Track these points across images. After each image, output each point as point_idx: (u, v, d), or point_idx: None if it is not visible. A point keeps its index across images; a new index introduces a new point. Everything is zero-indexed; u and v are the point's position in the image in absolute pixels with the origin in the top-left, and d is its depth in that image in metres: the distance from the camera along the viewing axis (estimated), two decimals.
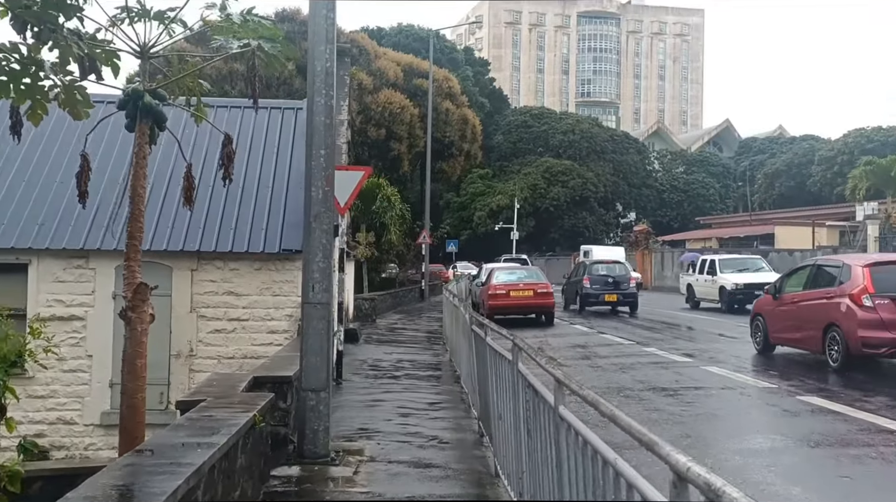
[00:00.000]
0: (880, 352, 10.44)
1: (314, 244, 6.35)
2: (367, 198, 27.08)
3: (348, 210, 15.14)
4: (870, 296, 10.38)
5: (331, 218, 6.42)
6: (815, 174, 55.52)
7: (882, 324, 10.15)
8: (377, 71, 33.86)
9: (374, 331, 18.50)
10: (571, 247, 63.07)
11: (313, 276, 6.36)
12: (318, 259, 6.35)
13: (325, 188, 6.36)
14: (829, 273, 11.73)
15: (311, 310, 6.36)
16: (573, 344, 15.62)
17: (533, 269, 22.13)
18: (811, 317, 11.46)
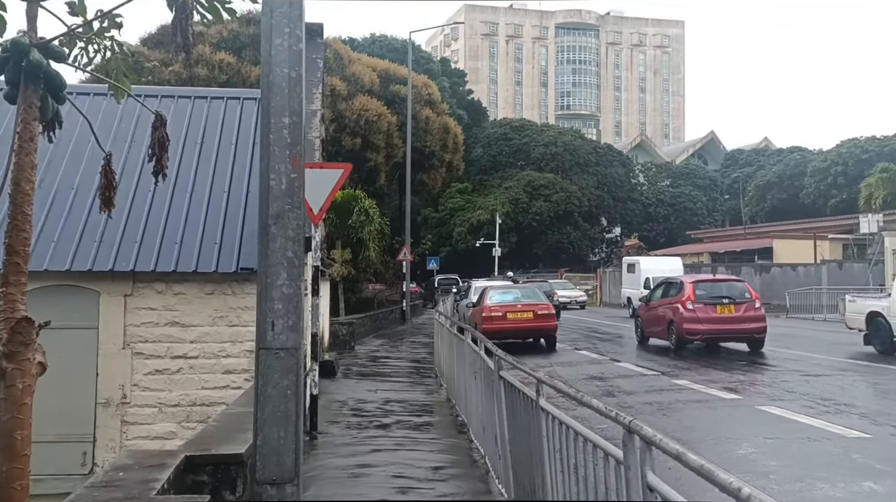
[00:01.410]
0: (696, 338, 16.52)
1: (275, 258, 4.29)
2: (342, 212, 24.98)
3: (322, 222, 13.06)
4: (692, 302, 16.28)
5: (299, 219, 4.36)
6: (808, 186, 54.66)
7: (698, 320, 16.16)
8: (351, 76, 31.91)
9: (353, 361, 16.36)
10: (555, 264, 61.49)
11: (273, 307, 4.29)
12: (282, 281, 4.29)
13: (290, 174, 4.31)
14: (674, 286, 17.79)
15: (271, 360, 4.28)
16: (587, 375, 13.66)
17: (531, 288, 20.19)
18: (662, 316, 17.33)
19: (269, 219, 4.32)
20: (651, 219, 68.32)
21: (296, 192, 4.36)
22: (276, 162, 4.30)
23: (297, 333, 4.37)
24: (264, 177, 4.34)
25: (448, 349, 11.07)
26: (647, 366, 14.50)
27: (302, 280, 4.43)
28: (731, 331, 16.19)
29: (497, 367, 5.97)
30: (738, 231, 53.05)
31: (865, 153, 53.51)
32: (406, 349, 19.73)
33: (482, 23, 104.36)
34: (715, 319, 16.03)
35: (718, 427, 9.13)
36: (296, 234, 4.35)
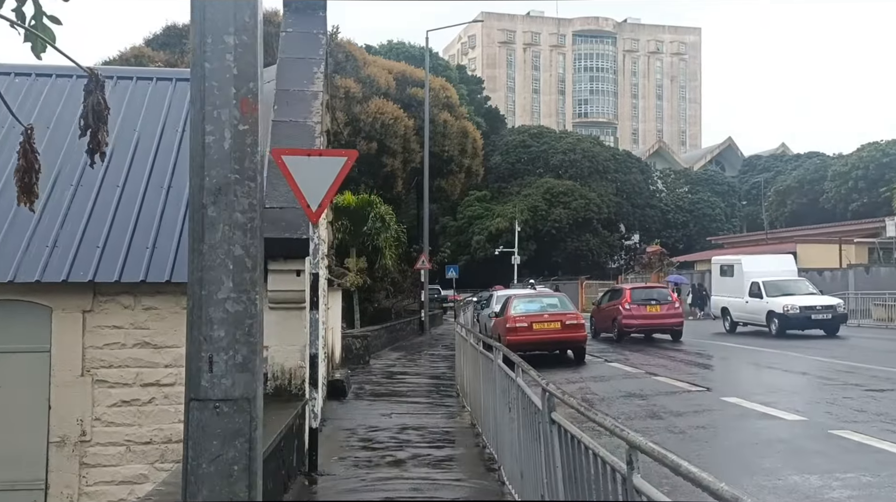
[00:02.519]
0: (632, 331, 20.66)
1: (213, 258, 2.65)
2: (357, 218, 23.44)
3: (329, 225, 11.46)
4: (629, 303, 20.44)
5: (254, 197, 2.72)
6: (828, 190, 52.41)
7: (633, 317, 20.29)
8: (367, 79, 30.40)
9: (367, 377, 14.71)
10: (574, 271, 59.55)
11: (211, 335, 2.64)
12: (224, 293, 2.64)
13: (237, 125, 2.67)
14: (618, 292, 22.31)
15: (207, 418, 2.63)
16: (625, 391, 11.91)
17: (558, 296, 18.45)
18: (609, 315, 21.34)
19: (205, 195, 2.68)
20: (670, 226, 66.29)
21: (248, 155, 2.71)
22: (215, 106, 2.67)
23: (251, 374, 2.72)
24: (196, 131, 2.70)
25: (472, 368, 9.40)
26: (689, 380, 12.72)
27: (260, 291, 2.78)
28: (657, 325, 20.69)
29: (548, 407, 4.30)
30: (759, 236, 50.87)
31: (886, 156, 51.24)
32: (425, 363, 18.08)
33: (499, 30, 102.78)
34: (645, 316, 20.40)
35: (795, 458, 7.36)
36: (248, 220, 2.70)
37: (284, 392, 7.35)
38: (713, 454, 7.84)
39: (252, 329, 2.72)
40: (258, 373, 2.75)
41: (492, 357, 7.03)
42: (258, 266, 2.74)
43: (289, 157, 6.92)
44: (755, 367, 14.86)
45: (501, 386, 6.33)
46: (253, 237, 2.70)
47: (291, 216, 7.38)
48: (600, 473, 3.24)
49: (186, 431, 2.67)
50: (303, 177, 6.93)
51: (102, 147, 4.74)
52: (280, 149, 7.02)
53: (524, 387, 5.11)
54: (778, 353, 16.41)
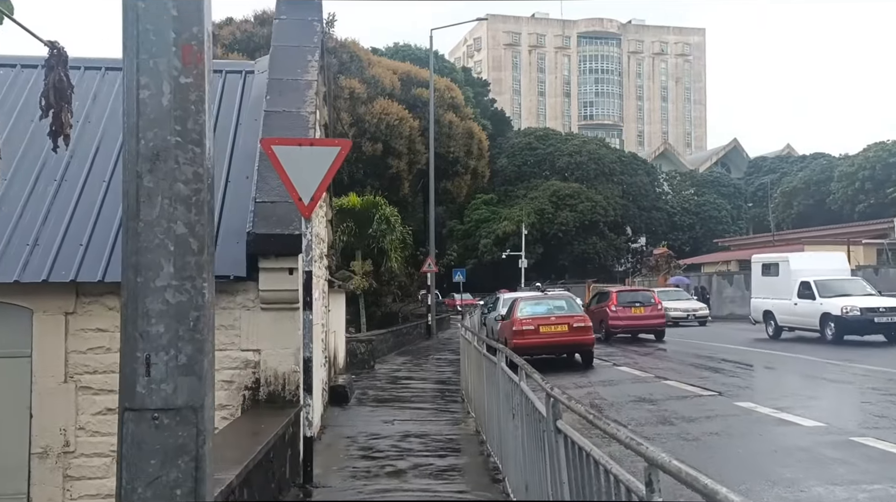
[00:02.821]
0: (618, 332, 21.81)
1: (150, 237, 2.17)
2: (362, 220, 22.98)
3: (329, 223, 11.00)
4: (615, 306, 21.88)
5: (200, 165, 2.24)
6: (835, 191, 51.64)
7: (619, 318, 21.62)
8: (371, 79, 29.98)
9: (371, 383, 14.22)
10: (581, 274, 58.90)
11: (147, 330, 2.17)
12: (164, 280, 2.17)
13: (178, 77, 2.19)
14: (605, 295, 23.51)
15: (144, 431, 2.14)
16: (634, 396, 11.37)
17: (565, 298, 17.91)
18: (598, 317, 21.40)
19: (140, 162, 2.20)
20: (676, 228, 65.61)
21: (192, 114, 2.23)
22: (151, 54, 2.18)
23: (198, 378, 2.25)
24: (130, 85, 2.22)
25: (476, 371, 8.89)
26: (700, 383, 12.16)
27: (209, 278, 2.31)
28: (641, 326, 21.87)
29: (553, 415, 3.80)
30: (766, 238, 50.14)
31: (893, 157, 50.37)
32: (430, 367, 17.58)
33: (505, 32, 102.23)
34: (630, 317, 21.70)
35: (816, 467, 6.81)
36: (192, 192, 2.23)
37: (278, 398, 6.88)
38: (730, 462, 7.31)
39: (199, 323, 2.24)
40: (207, 377, 2.27)
41: (495, 360, 6.53)
42: (207, 248, 2.27)
43: (279, 147, 6.47)
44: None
45: (505, 391, 5.83)
46: (199, 213, 2.23)
47: (283, 210, 6.91)
48: (613, 492, 2.74)
49: (120, 448, 2.19)
50: (294, 168, 6.47)
51: (66, 129, 4.30)
52: (270, 139, 6.56)
53: (528, 392, 4.61)
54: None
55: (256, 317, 6.87)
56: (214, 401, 2.41)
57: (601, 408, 10.22)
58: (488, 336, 22.22)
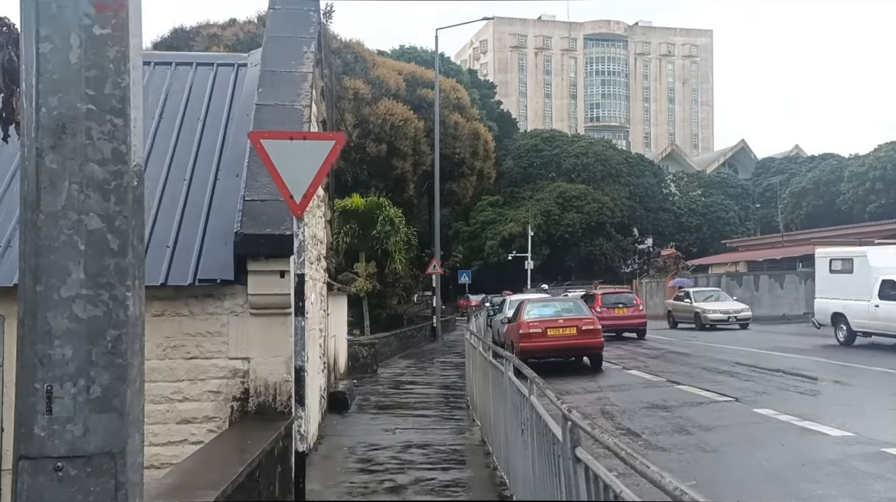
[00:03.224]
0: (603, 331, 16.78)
1: (53, 232, 1.68)
2: (365, 221, 22.53)
3: (328, 223, 10.51)
4: (600, 306, 23.12)
5: (121, 139, 1.75)
6: (845, 191, 50.84)
7: (603, 318, 19.81)
8: (376, 80, 29.49)
9: (373, 388, 13.73)
10: (587, 276, 58.26)
11: (50, 354, 1.67)
12: (72, 289, 1.67)
13: (92, 28, 1.70)
14: (591, 297, 24.91)
15: (46, 487, 1.65)
16: (647, 402, 10.82)
17: (573, 301, 17.37)
18: None
19: (40, 136, 1.70)
20: (683, 230, 64.92)
21: (110, 75, 1.72)
22: None
23: (118, 415, 1.73)
24: (28, 38, 1.72)
25: (482, 378, 8.38)
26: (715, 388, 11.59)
27: (136, 286, 1.80)
28: (624, 325, 23.23)
29: (571, 440, 3.28)
30: (775, 239, 49.43)
31: None
32: (435, 371, 17.07)
33: (511, 35, 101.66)
34: (614, 317, 22.92)
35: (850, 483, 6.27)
36: (112, 176, 1.72)
37: (268, 409, 6.38)
38: (754, 477, 6.77)
39: (119, 344, 1.73)
40: (131, 413, 1.77)
41: (502, 369, 6.02)
42: (132, 247, 1.76)
43: (269, 142, 5.97)
44: None
45: (513, 403, 5.32)
46: (121, 202, 1.72)
47: (274, 209, 6.43)
48: None
49: None
50: (285, 163, 5.98)
51: (17, 116, 3.82)
52: (259, 132, 6.07)
53: (539, 409, 4.10)
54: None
55: (245, 322, 6.39)
56: (143, 444, 1.90)
57: (613, 416, 9.70)
58: (494, 339, 21.73)
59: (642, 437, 8.18)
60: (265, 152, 5.99)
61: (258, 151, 6.02)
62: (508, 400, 5.57)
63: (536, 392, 4.24)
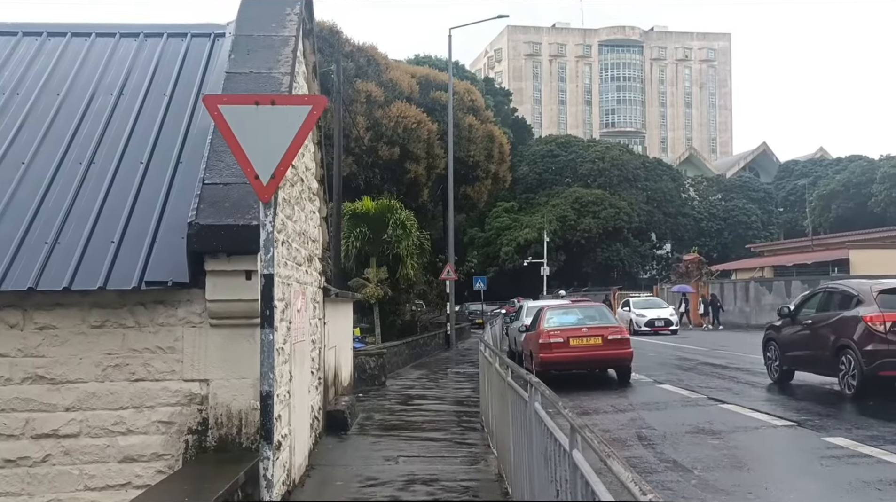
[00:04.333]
0: None
1: None
2: (376, 224, 21.25)
3: (324, 221, 9.19)
4: None
5: None
6: (877, 193, 48.80)
7: None
8: (388, 82, 28.30)
9: (378, 403, 12.39)
10: (605, 282, 56.67)
11: None
12: None
13: None
14: None
15: None
16: (690, 425, 9.32)
17: (596, 307, 15.94)
18: None
19: None
20: (703, 234, 63.08)
21: None
22: None
23: None
24: None
25: (499, 401, 7.02)
26: (768, 409, 10.09)
27: None
28: None
29: None
30: (803, 243, 47.47)
31: None
32: (448, 384, 15.70)
33: (525, 43, 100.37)
34: None
35: None
36: None
37: (232, 444, 5.07)
38: None
39: None
40: None
41: (526, 397, 4.65)
42: None
43: (228, 108, 4.67)
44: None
45: (542, 448, 3.95)
46: None
47: (239, 195, 5.13)
48: None
49: None
50: (249, 134, 4.68)
51: None
52: (215, 96, 4.79)
53: (587, 471, 2.71)
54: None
55: (204, 336, 5.09)
56: None
57: (653, 443, 8.27)
58: (511, 348, 20.30)
59: (694, 473, 6.75)
60: (223, 121, 4.69)
61: (215, 120, 4.73)
62: (536, 443, 4.20)
63: (581, 443, 2.87)
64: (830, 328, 10.92)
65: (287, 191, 6.48)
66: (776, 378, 12.58)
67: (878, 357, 9.81)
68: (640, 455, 7.71)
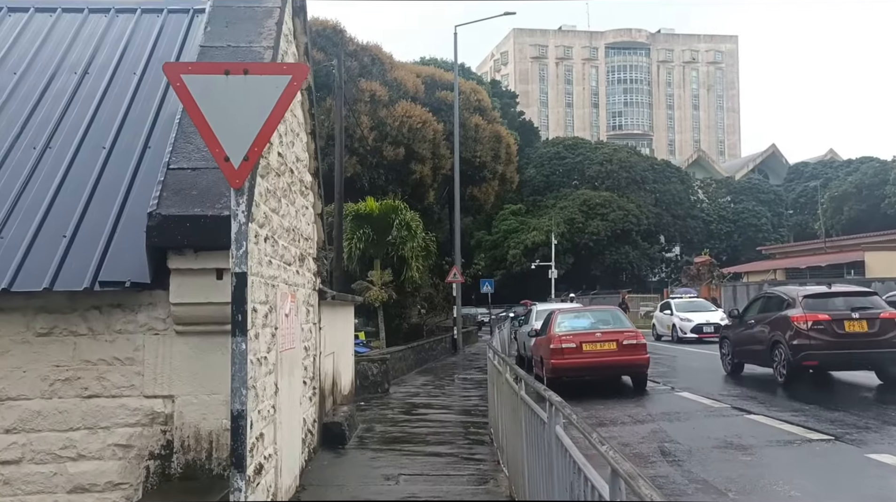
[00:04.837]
0: None
1: None
2: (380, 226, 20.55)
3: (318, 218, 8.44)
4: None
5: None
6: (890, 195, 47.80)
7: None
8: (393, 82, 27.60)
9: (380, 412, 11.63)
10: (613, 285, 55.78)
11: None
12: None
13: None
14: None
15: None
16: (717, 439, 8.54)
17: (610, 310, 15.13)
18: None
19: None
20: (713, 237, 62.16)
21: None
22: None
23: None
24: None
25: (511, 417, 6.26)
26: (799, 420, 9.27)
27: None
28: None
29: None
30: (815, 245, 46.51)
31: None
32: (454, 391, 14.93)
33: (531, 46, 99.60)
34: None
35: None
36: None
37: (201, 472, 4.32)
38: None
39: None
40: None
41: (544, 418, 3.89)
42: None
43: (194, 78, 3.93)
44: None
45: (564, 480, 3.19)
46: None
47: (209, 181, 4.41)
48: None
49: None
50: (217, 109, 3.95)
51: None
52: (177, 64, 4.08)
53: None
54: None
55: (169, 345, 4.36)
56: None
57: (679, 459, 7.48)
58: (520, 353, 19.48)
59: (729, 496, 5.97)
60: (187, 93, 3.95)
61: (177, 93, 4.00)
62: (557, 473, 3.44)
63: (626, 492, 2.11)
64: (767, 327, 12.78)
65: (272, 182, 5.75)
66: (729, 370, 14.44)
67: (801, 350, 11.75)
68: (665, 473, 6.93)
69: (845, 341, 11.54)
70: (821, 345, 11.56)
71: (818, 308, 11.99)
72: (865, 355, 11.65)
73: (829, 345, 11.55)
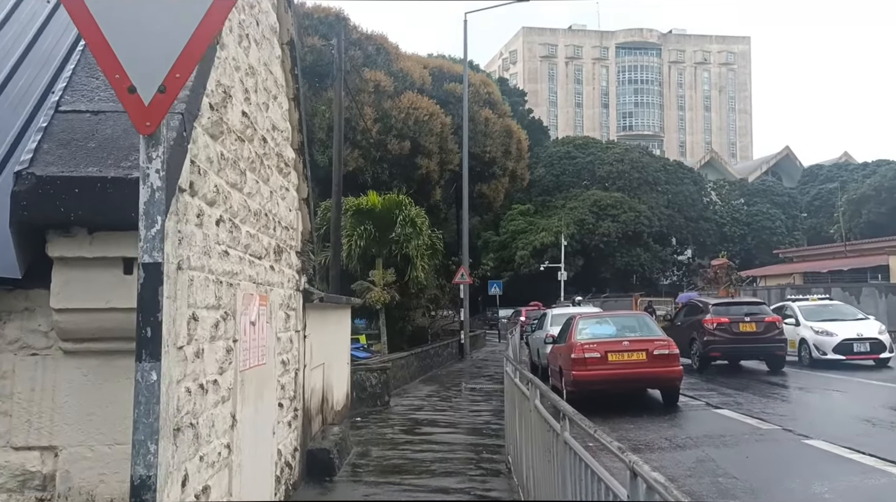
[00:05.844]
0: None
1: None
2: (383, 223, 19.16)
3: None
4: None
5: None
6: None
7: None
8: (399, 72, 26.23)
9: (379, 431, 10.21)
10: (624, 288, 54.26)
11: None
12: None
13: None
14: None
15: None
16: (779, 471, 7.10)
17: (637, 317, 13.69)
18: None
19: None
20: (726, 240, 60.59)
21: None
22: None
23: None
24: None
25: (541, 452, 4.81)
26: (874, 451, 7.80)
27: None
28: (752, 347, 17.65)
29: None
30: (835, 248, 44.85)
31: None
32: (463, 404, 13.48)
33: (541, 45, 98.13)
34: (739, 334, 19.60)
35: None
36: None
37: None
38: None
39: None
40: None
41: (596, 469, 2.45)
42: None
43: None
44: None
45: None
46: None
47: (115, 130, 3.00)
48: None
49: None
50: (119, 19, 2.58)
51: None
52: None
53: None
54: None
55: (52, 370, 2.95)
56: None
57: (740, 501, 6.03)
58: (533, 361, 17.99)
59: None
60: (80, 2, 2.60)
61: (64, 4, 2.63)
62: None
63: None
64: (689, 327, 16.79)
65: (232, 148, 4.34)
66: None
67: (709, 345, 15.77)
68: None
69: (740, 338, 15.47)
70: (722, 341, 15.56)
71: (721, 313, 15.96)
72: (753, 348, 15.63)
73: (728, 341, 15.50)
